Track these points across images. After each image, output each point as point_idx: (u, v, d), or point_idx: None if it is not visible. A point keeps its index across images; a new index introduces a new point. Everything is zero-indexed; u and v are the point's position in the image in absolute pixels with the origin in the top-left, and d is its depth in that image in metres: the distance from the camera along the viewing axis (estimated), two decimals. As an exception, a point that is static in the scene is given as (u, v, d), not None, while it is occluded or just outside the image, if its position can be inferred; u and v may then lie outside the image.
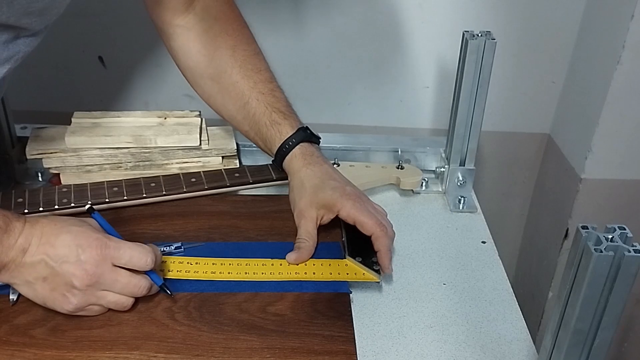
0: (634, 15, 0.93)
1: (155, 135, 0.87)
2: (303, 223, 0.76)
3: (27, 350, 0.62)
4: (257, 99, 0.82)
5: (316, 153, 0.81)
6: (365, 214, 0.74)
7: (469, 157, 0.90)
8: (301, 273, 0.73)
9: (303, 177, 0.79)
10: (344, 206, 0.75)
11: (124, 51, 1.12)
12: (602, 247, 0.48)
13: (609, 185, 1.08)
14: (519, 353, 0.67)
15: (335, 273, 0.73)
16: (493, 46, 0.82)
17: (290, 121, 0.82)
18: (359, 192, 0.78)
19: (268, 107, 0.82)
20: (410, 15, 1.07)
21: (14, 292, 0.67)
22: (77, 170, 0.87)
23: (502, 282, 0.77)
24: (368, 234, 0.74)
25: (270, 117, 0.82)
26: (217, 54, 0.83)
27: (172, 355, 0.63)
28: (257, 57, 0.85)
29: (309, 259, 0.75)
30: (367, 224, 0.74)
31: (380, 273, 0.73)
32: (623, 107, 1.00)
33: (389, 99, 1.15)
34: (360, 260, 0.74)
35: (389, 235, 0.75)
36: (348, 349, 0.64)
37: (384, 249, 0.73)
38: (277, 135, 0.81)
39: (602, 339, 0.52)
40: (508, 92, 1.14)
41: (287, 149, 0.81)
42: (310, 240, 0.75)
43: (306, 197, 0.77)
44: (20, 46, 0.68)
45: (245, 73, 0.83)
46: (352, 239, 0.76)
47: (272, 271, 0.73)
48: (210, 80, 0.84)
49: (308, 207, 0.77)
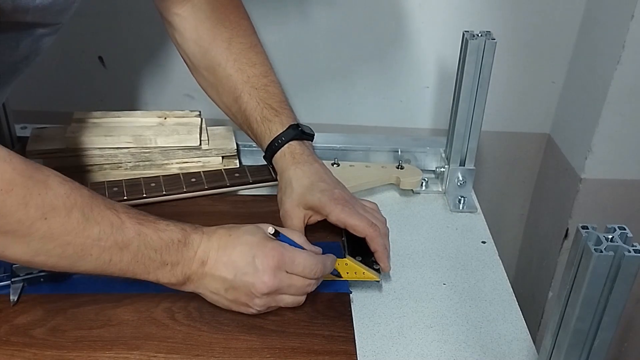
0: (634, 15, 0.93)
1: (155, 135, 0.87)
2: (290, 224, 0.76)
3: (27, 350, 0.62)
4: (249, 93, 0.81)
5: (306, 152, 0.80)
6: (355, 217, 0.74)
7: (469, 157, 0.90)
8: None
9: (292, 176, 0.77)
10: (332, 211, 0.74)
11: (124, 51, 1.12)
12: (602, 247, 0.48)
13: (609, 185, 1.08)
14: (519, 353, 0.67)
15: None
16: (493, 46, 0.82)
17: (281, 118, 0.80)
18: (347, 194, 0.77)
19: (260, 102, 0.81)
20: (410, 15, 1.07)
21: (14, 293, 0.67)
22: (77, 170, 0.87)
23: (502, 282, 0.77)
24: (361, 236, 0.74)
25: (261, 113, 0.81)
26: (213, 45, 0.82)
27: (172, 355, 0.63)
28: (253, 51, 0.83)
29: None
30: (358, 226, 0.73)
31: (380, 272, 0.74)
32: (623, 107, 1.00)
33: (389, 99, 1.15)
34: (360, 260, 0.74)
35: (383, 234, 0.75)
36: (348, 349, 0.64)
37: (381, 249, 0.73)
38: (267, 133, 0.80)
39: (602, 339, 0.52)
40: (508, 92, 1.14)
41: (276, 147, 0.79)
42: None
43: (294, 198, 0.76)
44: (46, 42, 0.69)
45: (240, 67, 0.82)
46: (352, 238, 0.76)
47: None
48: (205, 71, 0.84)
49: (295, 207, 0.76)
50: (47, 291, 0.69)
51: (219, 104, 0.86)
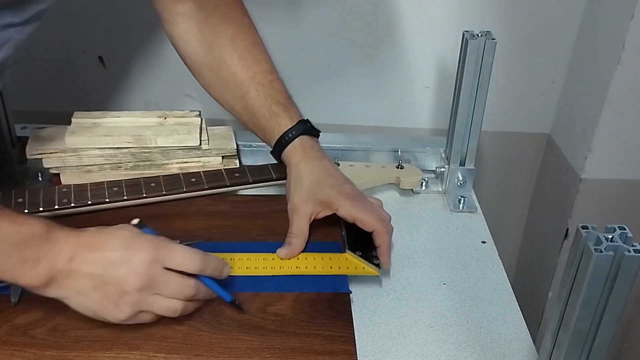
0: (634, 15, 0.93)
1: (155, 135, 0.87)
2: (296, 218, 0.77)
3: (27, 350, 0.62)
4: (257, 90, 0.81)
5: (316, 147, 0.81)
6: (364, 212, 0.75)
7: (469, 157, 0.90)
8: (302, 267, 0.74)
9: (302, 171, 0.78)
10: (342, 205, 0.75)
11: (124, 51, 1.12)
12: (602, 247, 0.48)
13: (609, 185, 1.08)
14: (519, 353, 0.67)
15: (336, 267, 0.74)
16: (493, 46, 0.82)
17: (289, 113, 0.81)
18: (356, 190, 0.78)
19: (267, 98, 0.81)
20: (410, 15, 1.07)
21: (14, 295, 0.67)
22: (77, 170, 0.87)
23: (502, 282, 0.77)
24: (369, 230, 0.75)
25: (269, 109, 0.81)
26: (217, 43, 0.82)
27: (172, 355, 0.63)
28: (257, 48, 0.84)
29: (299, 254, 0.75)
30: (367, 221, 0.74)
31: (380, 267, 0.74)
32: (623, 107, 1.00)
33: (389, 99, 1.15)
34: (360, 255, 0.75)
35: (389, 231, 0.76)
36: (348, 349, 0.64)
37: (385, 245, 0.74)
38: (276, 127, 0.80)
39: (602, 339, 0.52)
40: (508, 92, 1.14)
41: (286, 141, 0.80)
42: (302, 236, 0.76)
43: (303, 193, 0.77)
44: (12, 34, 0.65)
45: (245, 64, 0.82)
46: (352, 233, 0.77)
47: (273, 265, 0.74)
48: (209, 69, 0.83)
49: (304, 202, 0.77)
50: (47, 291, 0.69)
51: (222, 102, 0.85)
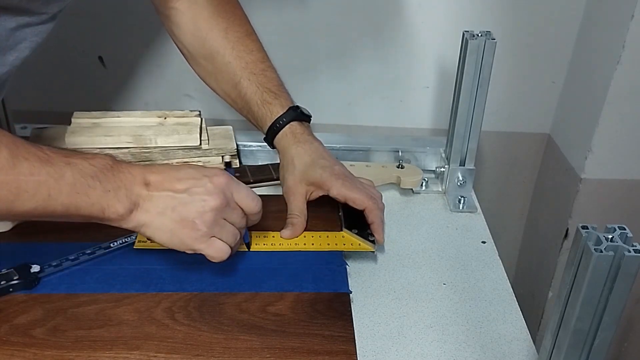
0: (634, 15, 0.93)
1: (155, 135, 0.87)
2: (293, 199, 0.80)
3: (27, 350, 0.62)
4: (249, 79, 0.84)
5: (306, 131, 0.83)
6: (355, 191, 0.78)
7: (469, 157, 0.90)
8: (300, 244, 0.77)
9: (293, 154, 0.81)
10: (333, 185, 0.78)
11: (124, 51, 1.12)
12: (602, 247, 0.48)
13: (609, 185, 1.08)
14: (519, 353, 0.67)
15: (333, 244, 0.77)
16: (493, 46, 0.82)
17: (280, 100, 0.83)
18: (346, 171, 0.81)
19: (259, 86, 0.84)
20: (410, 15, 1.07)
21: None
22: (77, 170, 0.87)
23: (502, 282, 0.77)
24: (361, 208, 0.78)
25: (261, 97, 0.83)
26: (210, 35, 0.84)
27: (172, 355, 0.63)
28: (249, 38, 0.86)
29: (302, 233, 0.78)
30: (358, 199, 0.77)
31: (375, 243, 0.77)
32: (623, 107, 1.00)
33: (389, 99, 1.15)
34: (356, 232, 0.78)
35: (380, 207, 0.79)
36: (348, 349, 0.64)
37: (377, 220, 0.77)
38: (267, 115, 0.83)
39: (602, 339, 0.52)
40: (508, 92, 1.14)
41: (277, 128, 0.82)
42: (302, 215, 0.79)
43: (296, 175, 0.80)
44: (28, 34, 0.67)
45: (238, 54, 0.84)
46: (348, 213, 0.80)
47: (273, 242, 0.77)
48: (204, 60, 0.86)
49: (297, 183, 0.80)
50: (47, 291, 0.69)
51: (218, 91, 0.88)
